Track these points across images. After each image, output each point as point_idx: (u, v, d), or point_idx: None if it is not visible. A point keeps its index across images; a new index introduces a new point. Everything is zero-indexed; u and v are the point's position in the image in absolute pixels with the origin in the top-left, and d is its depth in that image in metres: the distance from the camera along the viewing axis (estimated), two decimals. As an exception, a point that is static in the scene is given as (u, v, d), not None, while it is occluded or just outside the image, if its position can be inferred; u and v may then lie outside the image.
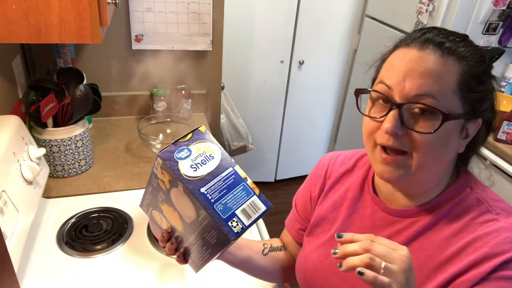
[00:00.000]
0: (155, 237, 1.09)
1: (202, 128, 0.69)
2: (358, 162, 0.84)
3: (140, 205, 0.78)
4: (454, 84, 0.61)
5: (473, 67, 0.62)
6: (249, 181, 0.66)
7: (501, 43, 1.88)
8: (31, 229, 0.99)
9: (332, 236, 0.80)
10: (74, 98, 1.24)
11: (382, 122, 0.63)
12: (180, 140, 0.66)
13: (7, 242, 0.83)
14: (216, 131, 1.91)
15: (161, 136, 1.53)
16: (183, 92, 1.67)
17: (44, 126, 1.21)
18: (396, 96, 0.62)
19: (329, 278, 0.78)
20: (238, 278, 0.99)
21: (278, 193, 2.95)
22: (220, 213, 0.62)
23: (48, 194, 1.22)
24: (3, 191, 0.86)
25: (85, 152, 1.32)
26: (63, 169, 1.28)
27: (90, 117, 1.62)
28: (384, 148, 0.65)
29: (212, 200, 0.62)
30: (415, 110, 0.61)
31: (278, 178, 3.04)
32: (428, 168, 0.64)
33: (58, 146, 1.24)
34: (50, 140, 1.22)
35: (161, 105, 1.66)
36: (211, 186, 0.63)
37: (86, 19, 0.93)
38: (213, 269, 1.01)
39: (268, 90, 2.65)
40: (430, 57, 0.61)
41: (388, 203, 0.74)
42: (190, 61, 1.70)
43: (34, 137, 1.18)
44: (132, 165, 1.40)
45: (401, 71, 0.62)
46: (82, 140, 1.29)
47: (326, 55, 2.68)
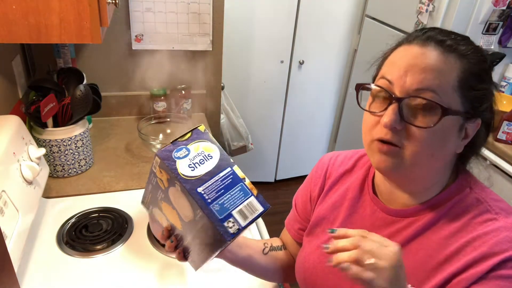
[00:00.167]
0: (155, 237, 1.09)
1: (202, 128, 0.69)
2: (358, 162, 0.84)
3: (141, 202, 0.78)
4: (455, 81, 0.61)
5: (474, 65, 0.62)
6: (247, 182, 0.66)
7: (501, 43, 1.88)
8: (31, 229, 0.99)
9: (332, 236, 0.80)
10: (74, 98, 1.24)
11: (382, 117, 0.63)
12: (179, 140, 0.66)
13: (7, 242, 0.83)
14: (216, 131, 1.91)
15: (161, 136, 1.53)
16: (183, 92, 1.67)
17: (44, 126, 1.21)
18: (397, 91, 0.62)
19: (329, 278, 0.78)
20: (238, 278, 0.99)
21: (278, 193, 2.95)
22: (217, 213, 0.62)
23: (48, 194, 1.22)
24: (3, 191, 0.86)
25: (85, 152, 1.32)
26: (63, 169, 1.28)
27: (90, 117, 1.62)
28: (382, 142, 0.65)
29: (209, 200, 0.62)
30: (415, 105, 0.61)
31: (278, 178, 3.04)
32: (424, 165, 0.64)
33: (58, 146, 1.24)
34: (50, 140, 1.22)
35: (161, 105, 1.66)
36: (209, 186, 0.63)
37: (86, 19, 0.93)
38: (213, 269, 1.01)
39: (268, 90, 2.64)
40: (432, 54, 0.61)
41: (388, 203, 0.74)
42: (190, 61, 1.70)
43: (34, 137, 1.18)
44: (132, 165, 1.40)
45: (403, 67, 0.62)
46: (82, 140, 1.29)
47: (326, 55, 2.68)
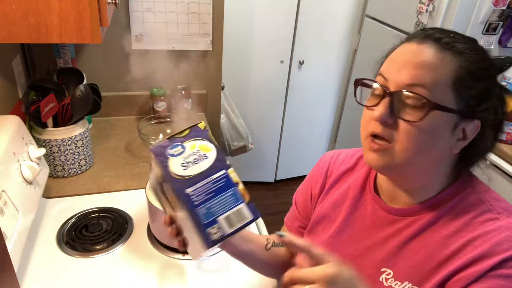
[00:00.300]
0: (155, 237, 1.09)
1: (201, 125, 0.66)
2: (360, 161, 0.84)
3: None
4: (449, 78, 0.61)
5: (471, 64, 0.62)
6: (241, 187, 0.63)
7: (501, 43, 1.88)
8: (31, 229, 0.99)
9: (333, 235, 0.80)
10: (74, 98, 1.24)
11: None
12: (176, 136, 0.64)
13: (7, 242, 0.83)
14: (216, 131, 1.91)
15: (161, 136, 1.53)
16: (183, 92, 1.67)
17: (44, 126, 1.21)
18: (391, 86, 0.64)
19: None
20: (238, 278, 0.99)
21: (278, 193, 2.95)
22: (202, 217, 0.59)
23: (48, 194, 1.22)
24: (3, 191, 0.86)
25: (85, 152, 1.32)
26: (63, 169, 1.28)
27: (90, 117, 1.62)
28: (375, 138, 0.66)
29: (196, 203, 0.60)
30: (405, 100, 0.62)
31: (278, 178, 3.04)
32: (415, 162, 0.65)
33: (58, 146, 1.24)
34: (50, 140, 1.22)
35: (161, 105, 1.66)
36: (199, 188, 0.61)
37: (86, 19, 0.93)
38: (213, 269, 1.01)
39: (268, 90, 2.64)
40: (427, 50, 0.62)
41: (389, 202, 0.74)
42: (190, 61, 1.70)
43: (34, 137, 1.18)
44: (132, 165, 1.40)
45: (399, 63, 0.64)
46: (82, 140, 1.29)
47: (326, 55, 2.68)
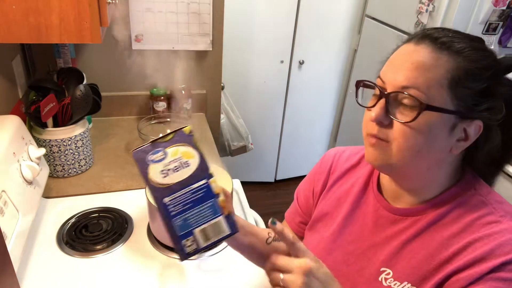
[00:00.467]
0: (155, 237, 1.09)
1: (187, 129, 0.63)
2: (364, 158, 0.84)
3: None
4: (443, 78, 0.60)
5: (470, 63, 0.61)
6: (221, 198, 0.62)
7: (501, 43, 1.88)
8: (31, 229, 0.99)
9: (334, 232, 0.80)
10: (74, 98, 1.24)
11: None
12: (159, 140, 0.62)
13: (7, 242, 0.83)
14: (216, 131, 1.91)
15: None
16: (183, 92, 1.67)
17: (44, 126, 1.21)
18: (388, 88, 0.64)
19: None
20: (238, 278, 0.99)
21: (278, 193, 2.95)
22: (178, 229, 0.59)
23: (48, 194, 1.22)
24: (3, 191, 0.86)
25: (85, 152, 1.32)
26: (63, 169, 1.28)
27: (90, 117, 1.62)
28: (372, 137, 0.66)
29: (173, 213, 0.59)
30: (399, 101, 0.63)
31: (278, 178, 3.04)
32: (412, 162, 0.65)
33: (58, 146, 1.24)
34: (50, 140, 1.22)
35: (161, 105, 1.66)
36: (177, 197, 0.59)
37: (86, 19, 0.93)
38: (213, 269, 1.01)
39: (268, 90, 2.64)
40: (423, 51, 0.62)
41: (391, 201, 0.74)
42: (190, 61, 1.70)
43: (34, 137, 1.18)
44: (132, 165, 1.40)
45: (395, 65, 0.64)
46: (82, 140, 1.29)
47: (326, 55, 2.68)
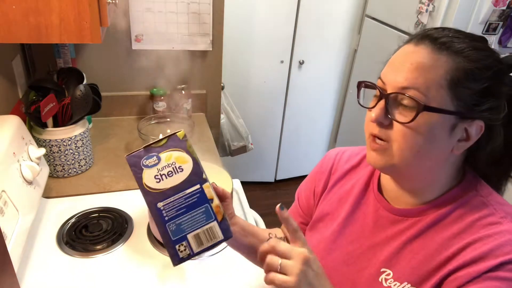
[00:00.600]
0: (155, 237, 1.09)
1: (180, 134, 0.64)
2: (365, 159, 0.84)
3: None
4: (443, 79, 0.60)
5: (468, 63, 0.61)
6: (215, 204, 0.62)
7: (501, 43, 1.88)
8: (31, 229, 0.99)
9: (334, 232, 0.80)
10: (74, 98, 1.24)
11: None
12: (153, 145, 0.62)
13: (7, 242, 0.83)
14: (216, 131, 1.91)
15: (161, 136, 1.53)
16: (183, 92, 1.67)
17: (44, 126, 1.21)
18: (388, 89, 0.64)
19: (331, 275, 0.77)
20: (238, 278, 0.99)
21: (278, 193, 2.95)
22: (171, 234, 0.59)
23: (48, 194, 1.22)
24: (3, 191, 0.86)
25: (85, 152, 1.32)
26: (63, 169, 1.28)
27: (90, 117, 1.62)
28: (375, 138, 0.67)
29: (166, 218, 0.59)
30: (398, 102, 0.63)
31: (278, 178, 3.04)
32: (413, 162, 0.65)
33: (58, 146, 1.24)
34: (50, 140, 1.22)
35: (161, 105, 1.66)
36: (170, 202, 0.60)
37: (86, 19, 0.93)
38: (213, 269, 1.01)
39: (268, 90, 2.64)
40: (422, 51, 0.62)
41: (392, 202, 0.74)
42: (190, 61, 1.70)
43: (34, 137, 1.18)
44: (132, 165, 1.40)
45: (395, 66, 0.64)
46: (82, 140, 1.29)
47: (326, 55, 2.67)
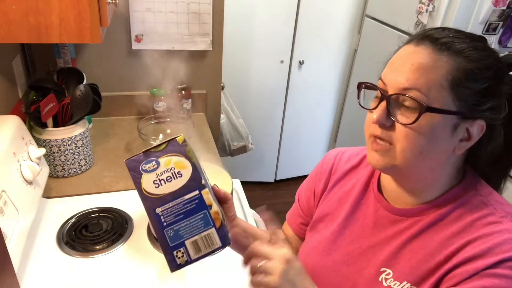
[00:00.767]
0: (155, 237, 1.09)
1: (180, 139, 0.63)
2: (365, 159, 0.84)
3: None
4: (444, 79, 0.60)
5: (469, 63, 0.61)
6: (214, 210, 0.61)
7: (501, 43, 1.88)
8: (31, 229, 0.99)
9: (334, 232, 0.80)
10: (74, 98, 1.24)
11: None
12: (152, 150, 0.62)
13: (7, 242, 0.83)
14: (216, 131, 1.91)
15: (161, 136, 1.53)
16: (183, 92, 1.67)
17: (44, 126, 1.21)
18: (389, 90, 0.64)
19: (331, 276, 0.78)
20: (238, 278, 0.99)
21: (278, 193, 2.95)
22: (168, 240, 0.59)
23: (48, 194, 1.22)
24: (3, 191, 0.86)
25: (85, 152, 1.32)
26: (63, 169, 1.28)
27: (90, 117, 1.62)
28: (376, 139, 0.66)
29: (165, 224, 0.59)
30: (400, 103, 0.63)
31: (278, 178, 3.04)
32: (415, 163, 0.65)
33: (58, 146, 1.24)
34: (50, 140, 1.22)
35: (161, 105, 1.66)
36: (169, 208, 0.60)
37: (86, 19, 0.93)
38: (213, 269, 1.01)
39: (268, 90, 2.64)
40: (423, 52, 0.62)
41: (393, 202, 0.74)
42: (190, 61, 1.70)
43: (34, 137, 1.18)
44: (132, 165, 1.40)
45: (396, 66, 0.64)
46: (82, 140, 1.29)
47: (326, 55, 2.67)
